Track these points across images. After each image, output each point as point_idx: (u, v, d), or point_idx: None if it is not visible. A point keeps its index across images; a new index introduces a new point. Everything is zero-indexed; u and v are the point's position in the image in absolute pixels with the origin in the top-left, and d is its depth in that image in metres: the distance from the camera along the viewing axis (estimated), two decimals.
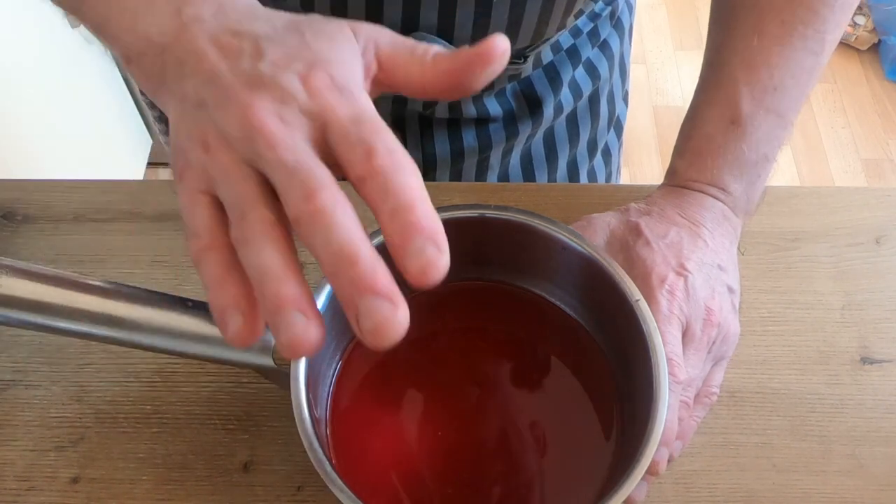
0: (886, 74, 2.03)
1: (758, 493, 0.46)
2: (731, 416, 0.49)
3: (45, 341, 0.51)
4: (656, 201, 0.49)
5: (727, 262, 0.47)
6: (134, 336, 0.40)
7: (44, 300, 0.39)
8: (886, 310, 0.53)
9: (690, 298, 0.44)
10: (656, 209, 0.48)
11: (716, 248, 0.47)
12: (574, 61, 0.63)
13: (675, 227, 0.46)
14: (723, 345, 0.46)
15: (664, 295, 0.43)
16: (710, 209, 0.48)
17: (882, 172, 1.87)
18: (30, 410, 0.49)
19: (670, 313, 0.43)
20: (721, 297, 0.45)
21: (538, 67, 0.61)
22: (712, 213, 0.48)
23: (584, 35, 0.63)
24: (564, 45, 0.62)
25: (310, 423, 0.38)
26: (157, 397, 0.49)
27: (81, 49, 1.38)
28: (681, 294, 0.44)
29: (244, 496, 0.46)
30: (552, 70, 0.62)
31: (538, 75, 0.62)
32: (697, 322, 0.44)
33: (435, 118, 0.60)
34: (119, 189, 0.58)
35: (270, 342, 0.40)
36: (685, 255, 0.45)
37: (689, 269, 0.44)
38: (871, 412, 0.49)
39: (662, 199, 0.49)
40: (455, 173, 0.64)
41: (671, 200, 0.48)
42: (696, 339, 0.44)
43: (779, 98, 0.49)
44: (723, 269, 0.46)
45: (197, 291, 0.53)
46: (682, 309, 0.43)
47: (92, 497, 0.46)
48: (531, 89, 0.62)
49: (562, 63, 0.62)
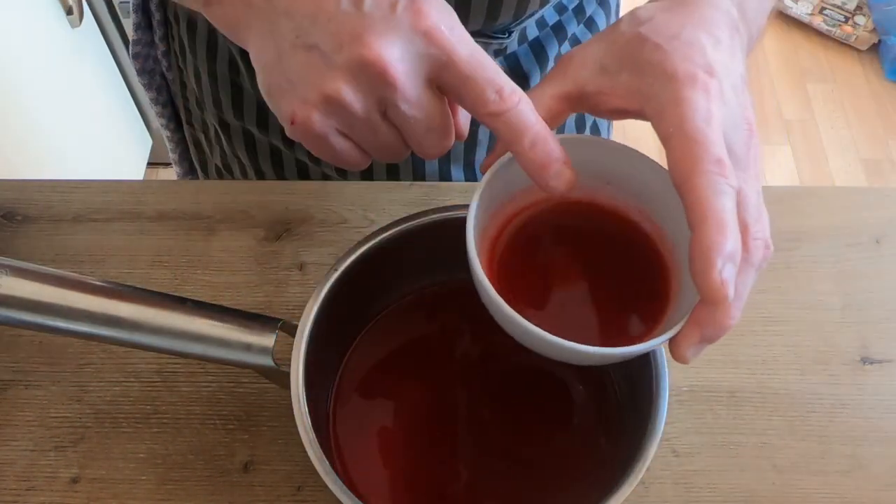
0: (886, 74, 2.03)
1: (758, 493, 0.46)
2: (731, 416, 0.49)
3: (45, 341, 0.51)
4: (654, 6, 0.39)
5: (745, 78, 0.38)
6: (134, 336, 0.40)
7: (44, 300, 0.39)
8: (886, 310, 0.53)
9: (727, 103, 0.35)
10: (658, 14, 0.38)
11: (735, 56, 0.38)
12: (560, 37, 0.63)
13: (688, 26, 0.37)
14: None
15: (699, 92, 0.34)
16: (722, 11, 0.39)
17: (882, 172, 1.87)
18: (30, 410, 0.49)
19: (709, 113, 0.33)
20: (753, 114, 0.37)
21: (524, 43, 0.61)
22: (727, 17, 0.39)
23: (569, 11, 0.63)
24: (550, 21, 0.62)
25: (310, 423, 0.38)
26: (157, 397, 0.49)
27: (82, 49, 1.38)
28: (716, 94, 0.34)
29: (244, 496, 0.46)
30: (538, 46, 0.62)
31: (524, 51, 0.62)
32: (739, 133, 0.35)
33: None
34: (119, 189, 0.58)
35: (271, 342, 0.40)
36: (710, 55, 0.35)
37: (719, 72, 0.35)
38: (870, 412, 0.49)
39: (662, 2, 0.39)
40: None
41: (675, 1, 0.39)
42: (742, 156, 0.35)
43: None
44: (745, 84, 0.37)
45: (197, 291, 0.53)
46: (721, 112, 0.34)
47: (92, 497, 0.46)
48: (517, 65, 0.62)
49: (547, 39, 0.62)
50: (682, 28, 0.36)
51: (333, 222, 0.56)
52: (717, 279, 0.31)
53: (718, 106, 0.34)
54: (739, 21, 0.39)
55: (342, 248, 0.53)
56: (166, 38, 0.68)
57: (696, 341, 0.33)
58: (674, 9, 0.38)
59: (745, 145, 0.35)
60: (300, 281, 0.53)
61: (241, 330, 0.40)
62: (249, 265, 0.54)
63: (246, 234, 0.56)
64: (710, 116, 0.33)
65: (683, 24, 0.37)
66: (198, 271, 0.54)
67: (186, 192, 0.58)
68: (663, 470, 0.47)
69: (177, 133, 0.76)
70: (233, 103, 0.64)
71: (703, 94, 0.34)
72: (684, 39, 0.36)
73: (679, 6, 0.38)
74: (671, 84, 0.34)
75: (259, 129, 0.65)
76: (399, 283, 0.47)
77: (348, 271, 0.42)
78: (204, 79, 0.65)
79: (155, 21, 0.67)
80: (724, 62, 0.36)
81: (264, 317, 0.41)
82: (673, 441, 0.48)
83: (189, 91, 0.69)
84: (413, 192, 0.58)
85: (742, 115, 0.35)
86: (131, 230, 0.56)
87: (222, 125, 0.67)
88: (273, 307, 0.52)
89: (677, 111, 0.33)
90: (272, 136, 0.64)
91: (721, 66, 0.35)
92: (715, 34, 0.37)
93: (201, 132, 0.73)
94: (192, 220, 0.56)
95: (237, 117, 0.65)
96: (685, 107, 0.33)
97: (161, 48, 0.69)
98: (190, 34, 0.63)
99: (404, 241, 0.44)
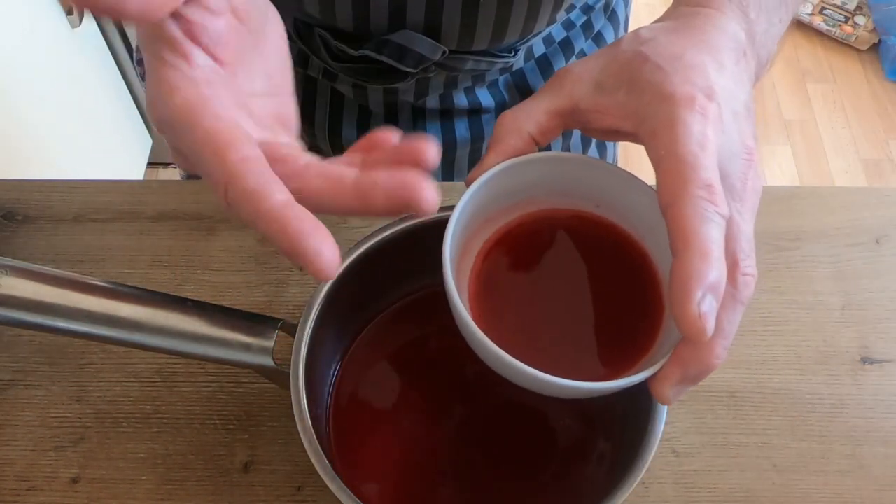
0: (886, 74, 2.03)
1: (758, 493, 0.46)
2: (731, 416, 0.49)
3: (45, 341, 0.51)
4: (657, 27, 0.38)
5: (750, 106, 0.36)
6: (134, 336, 0.40)
7: (44, 300, 0.39)
8: (886, 310, 0.53)
9: (726, 130, 0.33)
10: (661, 35, 0.36)
11: (740, 82, 0.36)
12: (567, 53, 0.63)
13: (691, 48, 0.35)
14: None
15: (695, 115, 0.32)
16: (729, 35, 0.37)
17: (882, 172, 1.87)
18: (30, 410, 0.49)
19: (705, 137, 0.31)
20: (754, 143, 0.35)
21: (530, 60, 0.61)
22: (733, 41, 0.37)
23: (577, 27, 0.63)
24: (557, 37, 0.62)
25: (310, 423, 0.38)
26: (157, 397, 0.49)
27: (81, 49, 1.38)
28: (714, 118, 0.32)
29: (244, 496, 0.46)
30: (545, 62, 0.62)
31: (531, 67, 0.62)
32: (736, 161, 0.33)
33: (427, 108, 0.60)
34: (119, 189, 0.58)
35: (271, 342, 0.40)
36: (712, 77, 0.34)
37: (720, 97, 0.33)
38: (870, 412, 0.49)
39: (667, 24, 0.38)
40: (448, 163, 0.64)
41: (681, 22, 0.37)
42: (738, 187, 0.33)
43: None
44: (749, 112, 0.36)
45: (197, 291, 0.53)
46: (718, 138, 0.32)
47: (92, 497, 0.46)
48: (524, 81, 0.62)
49: (555, 55, 0.62)
50: (686, 50, 0.35)
51: (333, 222, 0.56)
52: (695, 311, 0.29)
53: (715, 131, 0.32)
54: (747, 46, 0.38)
55: (342, 248, 0.53)
56: None
57: (676, 381, 0.32)
58: (678, 30, 0.36)
59: (743, 175, 0.33)
60: (300, 281, 0.53)
61: (241, 330, 0.40)
62: (249, 265, 0.54)
63: (246, 234, 0.56)
64: (704, 141, 0.31)
65: (687, 46, 0.35)
66: (198, 271, 0.54)
67: (186, 192, 0.58)
68: (663, 470, 0.47)
69: None
70: None
71: (699, 118, 0.32)
72: (686, 61, 0.34)
73: (684, 28, 0.37)
74: (667, 105, 0.32)
75: None
76: (399, 283, 0.47)
77: (348, 271, 0.42)
78: None
79: None
80: (727, 87, 0.34)
81: (264, 317, 0.41)
82: (673, 441, 0.48)
83: None
84: None
85: (741, 144, 0.34)
86: (131, 230, 0.56)
87: None
88: (273, 307, 0.52)
89: (671, 133, 0.32)
90: None
91: (723, 90, 0.34)
92: (719, 58, 0.35)
93: None
94: (193, 220, 0.56)
95: None
96: (679, 129, 0.31)
97: None
98: None
99: (404, 241, 0.44)
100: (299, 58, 0.58)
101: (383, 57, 0.52)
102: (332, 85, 0.59)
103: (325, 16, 0.52)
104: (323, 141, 0.62)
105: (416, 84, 0.57)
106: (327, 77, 0.58)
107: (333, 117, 0.61)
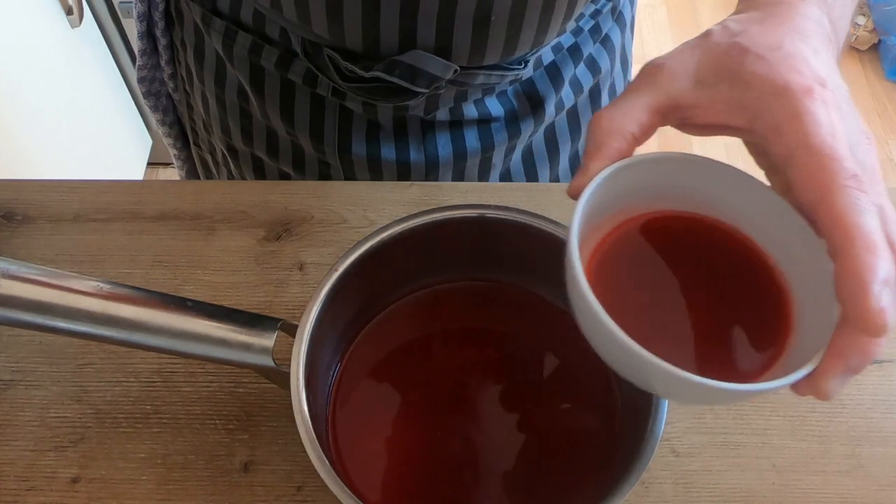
0: (886, 74, 2.03)
1: (758, 493, 0.46)
2: (731, 416, 0.49)
3: (45, 341, 0.51)
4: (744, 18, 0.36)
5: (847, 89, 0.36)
6: (134, 336, 0.40)
7: (44, 300, 0.39)
8: None
9: (845, 118, 0.32)
10: (751, 25, 0.35)
11: (834, 66, 0.35)
12: (576, 59, 0.63)
13: (786, 37, 0.34)
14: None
15: (818, 105, 0.31)
16: (815, 21, 0.36)
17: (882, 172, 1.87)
18: (30, 410, 0.49)
19: (833, 127, 0.31)
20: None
21: (539, 68, 0.61)
22: (820, 27, 0.36)
23: (585, 32, 0.63)
24: (566, 44, 0.62)
25: (310, 423, 0.38)
26: (157, 397, 0.49)
27: (81, 49, 1.38)
28: (834, 106, 0.32)
29: (244, 496, 0.46)
30: (553, 69, 0.62)
31: (539, 75, 0.62)
32: (861, 147, 0.32)
33: (437, 121, 0.60)
34: (119, 189, 0.58)
35: (271, 342, 0.40)
36: (815, 65, 0.33)
37: (830, 84, 0.33)
38: (870, 412, 0.49)
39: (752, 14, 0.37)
40: (458, 174, 0.64)
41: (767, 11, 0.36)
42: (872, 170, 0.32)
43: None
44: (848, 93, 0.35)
45: (197, 291, 0.53)
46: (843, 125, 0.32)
47: (92, 497, 0.46)
48: (533, 89, 0.62)
49: (563, 61, 0.62)
50: (782, 39, 0.34)
51: (333, 222, 0.56)
52: (875, 307, 0.28)
53: (839, 118, 0.31)
54: (831, 31, 0.37)
55: (342, 248, 0.53)
56: (172, 62, 0.68)
57: (839, 373, 0.31)
58: (766, 20, 0.35)
59: (871, 160, 0.33)
60: (300, 281, 0.53)
61: (241, 330, 0.40)
62: (249, 265, 0.54)
63: (246, 234, 0.56)
64: (834, 130, 0.31)
65: (780, 34, 0.34)
66: (198, 271, 0.54)
67: (187, 193, 0.58)
68: (663, 470, 0.47)
69: (184, 151, 0.76)
70: (242, 130, 0.64)
71: (822, 107, 0.31)
72: (787, 50, 0.33)
73: (772, 17, 0.36)
74: (784, 98, 0.32)
75: (269, 156, 0.64)
76: (399, 283, 0.47)
77: (348, 271, 0.42)
78: (212, 105, 0.65)
79: (161, 46, 0.67)
80: (831, 73, 0.34)
81: (264, 317, 0.41)
82: (673, 441, 0.48)
83: (196, 114, 0.69)
84: (413, 192, 0.58)
85: (860, 129, 0.33)
86: (131, 230, 0.56)
87: (230, 150, 0.67)
88: (273, 307, 0.52)
89: (798, 126, 0.31)
90: (282, 162, 0.64)
91: (829, 76, 0.33)
92: (814, 45, 0.34)
93: (208, 153, 0.73)
94: (193, 220, 0.56)
95: (246, 143, 0.65)
96: (807, 120, 0.31)
97: (167, 71, 0.68)
98: (198, 61, 0.63)
99: (404, 241, 0.44)
100: (307, 76, 0.58)
101: (395, 78, 0.52)
102: (341, 102, 0.59)
103: (334, 37, 0.51)
104: (332, 157, 0.62)
105: (427, 100, 0.57)
106: (336, 95, 0.58)
107: (342, 133, 0.60)
